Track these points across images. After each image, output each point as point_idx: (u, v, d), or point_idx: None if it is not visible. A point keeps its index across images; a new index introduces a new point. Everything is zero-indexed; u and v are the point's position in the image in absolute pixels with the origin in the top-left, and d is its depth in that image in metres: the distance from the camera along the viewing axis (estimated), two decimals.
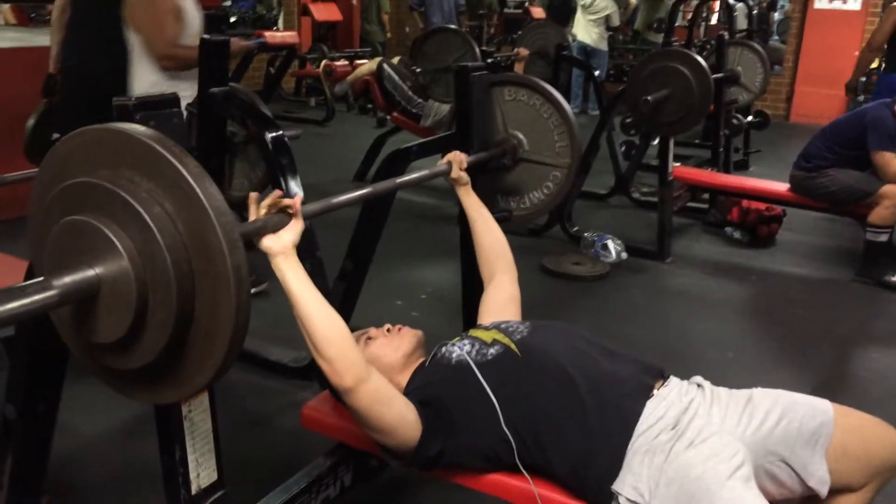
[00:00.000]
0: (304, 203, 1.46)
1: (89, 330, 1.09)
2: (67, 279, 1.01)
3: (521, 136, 2.26)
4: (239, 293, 1.02)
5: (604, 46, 8.89)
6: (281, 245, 1.36)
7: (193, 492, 1.33)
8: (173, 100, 1.31)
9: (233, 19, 6.75)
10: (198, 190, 1.01)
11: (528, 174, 2.28)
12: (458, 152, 2.00)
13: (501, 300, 1.90)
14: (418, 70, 4.92)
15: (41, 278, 1.00)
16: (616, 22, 8.87)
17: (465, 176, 1.98)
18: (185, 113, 2.19)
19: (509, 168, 2.27)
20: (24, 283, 0.98)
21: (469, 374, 1.55)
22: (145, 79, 2.97)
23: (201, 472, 1.34)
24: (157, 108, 1.28)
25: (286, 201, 1.39)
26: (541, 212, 2.37)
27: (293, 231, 1.39)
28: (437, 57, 4.84)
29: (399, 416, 1.47)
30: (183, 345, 1.07)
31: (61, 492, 2.07)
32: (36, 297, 0.97)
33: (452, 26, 5.11)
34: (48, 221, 1.09)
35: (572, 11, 8.82)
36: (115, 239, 1.02)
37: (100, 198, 1.04)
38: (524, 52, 5.49)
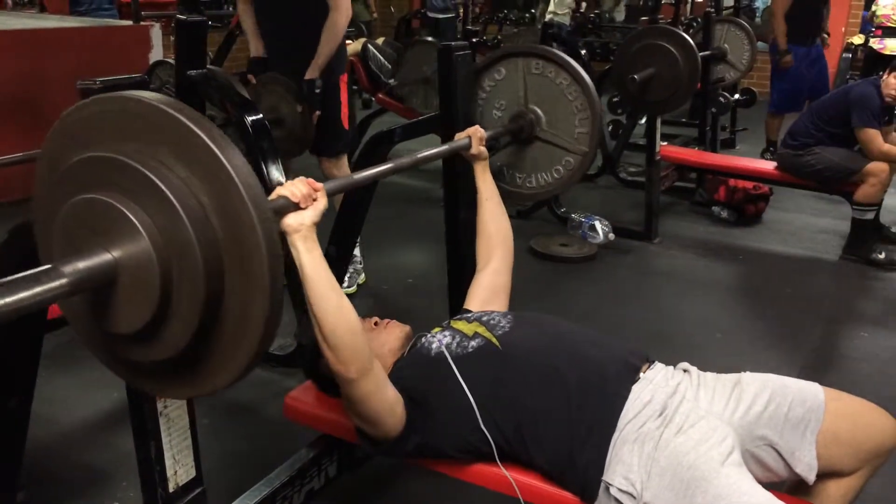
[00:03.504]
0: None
1: (105, 319, 0.98)
2: (80, 265, 0.90)
3: (540, 112, 2.16)
4: (273, 272, 0.92)
5: (566, 21, 8.82)
6: (299, 222, 1.28)
7: (171, 489, 1.30)
8: (141, 82, 1.26)
9: None
10: (223, 159, 0.90)
11: (541, 153, 2.19)
12: (478, 127, 1.91)
13: (492, 289, 1.86)
14: (395, 83, 4.88)
15: (49, 266, 0.90)
16: None
17: (484, 151, 1.91)
18: None
19: (523, 144, 2.19)
20: (28, 273, 0.88)
21: (446, 368, 1.51)
22: None
23: (178, 469, 1.31)
24: (123, 90, 1.22)
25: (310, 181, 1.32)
26: (546, 194, 2.29)
27: (315, 209, 1.31)
28: (415, 68, 4.81)
29: (390, 408, 1.45)
30: (210, 334, 0.97)
31: (40, 485, 2.03)
32: (43, 288, 0.86)
33: (430, 39, 5.04)
34: (56, 202, 0.99)
35: None
36: (132, 217, 0.91)
37: (113, 173, 0.94)
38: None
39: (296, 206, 1.28)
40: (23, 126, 4.32)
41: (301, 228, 1.28)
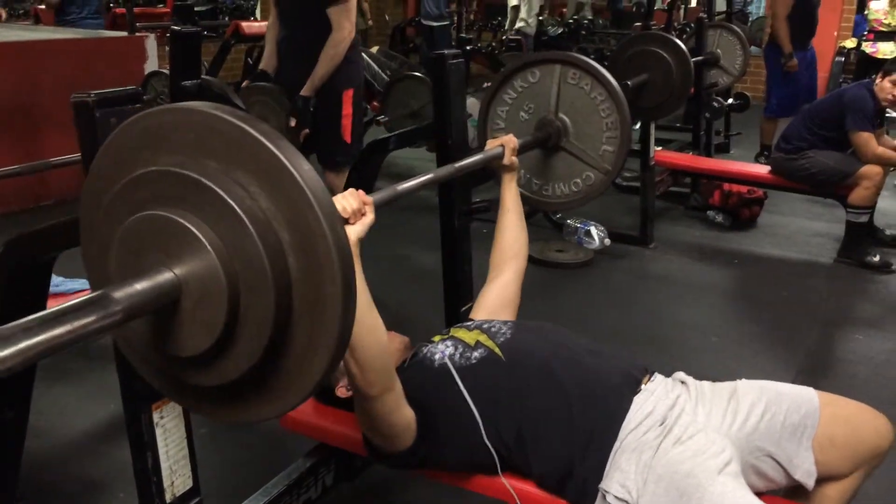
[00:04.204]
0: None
1: (166, 342, 0.92)
2: (138, 286, 0.84)
3: (568, 122, 2.14)
4: (346, 281, 0.86)
5: (531, 30, 8.89)
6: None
7: (168, 500, 1.30)
8: (136, 95, 1.26)
9: (200, 8, 6.63)
10: (286, 162, 0.84)
11: (563, 164, 2.17)
12: (511, 136, 1.89)
13: (501, 301, 1.85)
14: (383, 119, 4.90)
15: (98, 292, 0.82)
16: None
17: (516, 162, 1.89)
18: None
19: (547, 151, 2.17)
20: (74, 302, 0.79)
21: (450, 380, 1.51)
22: None
23: (176, 479, 1.31)
24: (118, 105, 1.23)
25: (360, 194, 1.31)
26: (561, 206, 2.26)
27: (363, 224, 1.30)
28: (402, 102, 4.86)
29: (407, 424, 1.45)
30: (279, 350, 0.91)
31: (38, 496, 2.03)
32: (91, 319, 0.77)
33: (418, 73, 5.06)
34: (107, 224, 0.94)
35: None
36: (195, 230, 0.86)
37: (170, 187, 0.88)
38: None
39: (345, 221, 1.26)
40: (18, 138, 4.34)
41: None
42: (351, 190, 1.32)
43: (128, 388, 1.27)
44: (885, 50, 7.57)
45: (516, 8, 8.94)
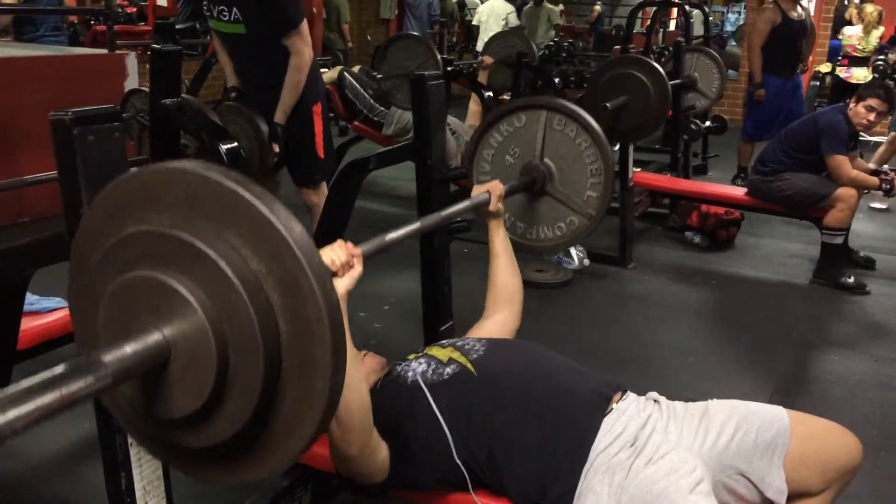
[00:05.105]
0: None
1: (155, 404, 0.91)
2: (128, 349, 0.83)
3: (553, 167, 2.13)
4: (335, 343, 0.86)
5: None
6: None
7: None
8: (114, 113, 1.26)
9: (181, 26, 6.63)
10: (278, 224, 0.84)
11: (547, 207, 2.17)
12: (497, 182, 1.89)
13: (498, 334, 1.84)
14: (380, 76, 4.89)
15: (87, 356, 0.81)
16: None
17: (502, 208, 1.90)
18: None
19: (532, 195, 2.17)
20: (63, 369, 0.77)
21: (421, 397, 1.52)
22: None
23: (150, 500, 1.30)
24: (97, 123, 1.23)
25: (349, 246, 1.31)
26: (545, 249, 2.27)
27: (351, 277, 1.29)
28: (399, 63, 4.83)
29: (381, 466, 1.46)
30: (270, 409, 0.90)
31: None
32: (80, 385, 0.76)
33: (415, 33, 5.05)
34: (97, 282, 0.93)
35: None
36: (185, 291, 0.86)
37: (157, 247, 0.88)
38: (489, 59, 5.50)
39: (332, 274, 1.25)
40: None
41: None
42: (339, 242, 1.31)
43: (102, 408, 1.26)
44: (858, 75, 7.73)
45: (478, 28, 9.06)
